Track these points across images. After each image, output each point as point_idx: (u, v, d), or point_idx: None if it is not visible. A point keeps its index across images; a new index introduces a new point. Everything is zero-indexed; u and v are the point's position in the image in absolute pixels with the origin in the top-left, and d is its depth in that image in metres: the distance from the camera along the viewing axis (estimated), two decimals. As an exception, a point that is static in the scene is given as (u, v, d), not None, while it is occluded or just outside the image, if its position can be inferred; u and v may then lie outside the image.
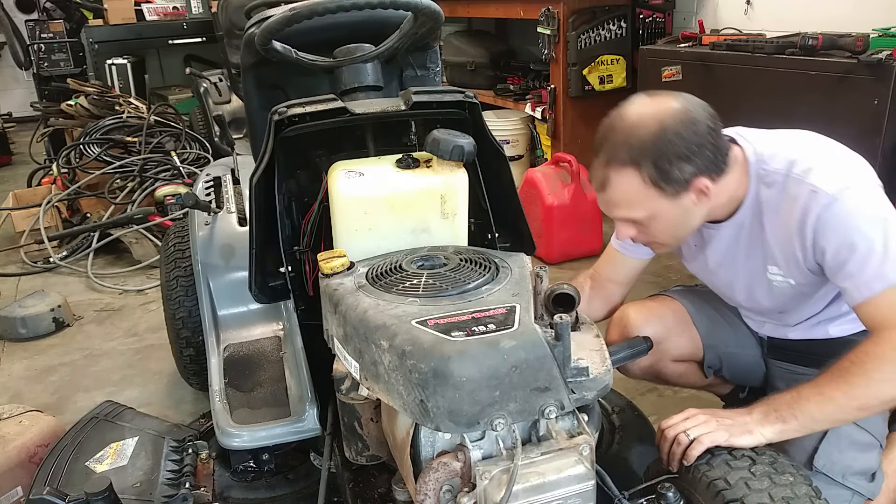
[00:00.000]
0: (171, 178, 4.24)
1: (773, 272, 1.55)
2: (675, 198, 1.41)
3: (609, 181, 1.43)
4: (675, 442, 1.35)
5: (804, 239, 1.43)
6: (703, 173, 1.40)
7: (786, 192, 1.44)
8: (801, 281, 1.52)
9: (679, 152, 1.36)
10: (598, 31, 3.92)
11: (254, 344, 1.98)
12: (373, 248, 1.46)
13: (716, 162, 1.42)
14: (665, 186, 1.39)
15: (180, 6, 6.06)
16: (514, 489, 1.07)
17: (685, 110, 1.39)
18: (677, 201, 1.42)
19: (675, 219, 1.46)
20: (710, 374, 1.85)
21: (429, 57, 1.90)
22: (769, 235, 1.51)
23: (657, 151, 1.36)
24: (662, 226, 1.47)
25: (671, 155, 1.36)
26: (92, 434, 1.83)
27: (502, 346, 1.08)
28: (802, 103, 2.70)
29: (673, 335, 1.77)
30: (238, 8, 3.09)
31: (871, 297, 1.36)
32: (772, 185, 1.47)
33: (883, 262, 1.34)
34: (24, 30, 6.82)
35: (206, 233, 2.20)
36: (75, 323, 3.32)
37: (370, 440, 1.43)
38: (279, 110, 1.49)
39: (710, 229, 1.60)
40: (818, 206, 1.38)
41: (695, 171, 1.39)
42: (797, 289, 1.55)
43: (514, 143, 4.53)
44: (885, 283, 1.34)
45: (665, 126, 1.36)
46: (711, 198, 1.45)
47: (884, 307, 1.35)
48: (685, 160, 1.37)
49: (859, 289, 1.37)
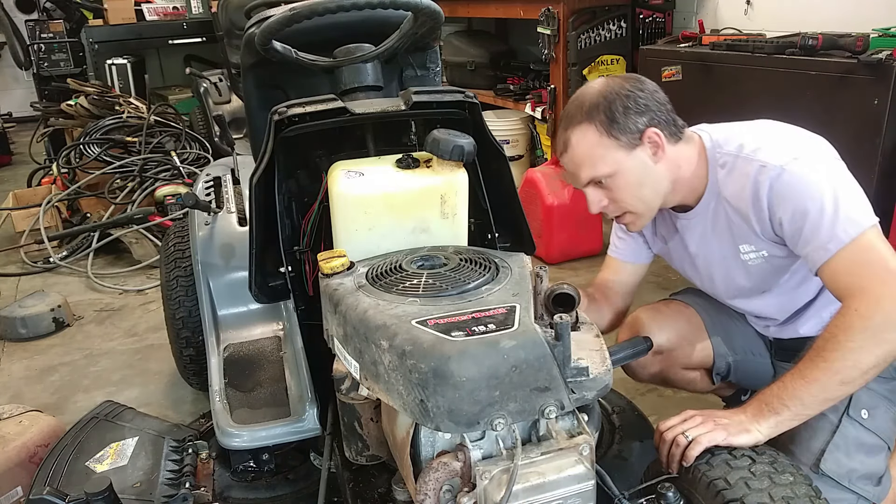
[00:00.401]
0: (171, 178, 4.25)
1: (745, 250, 1.59)
2: (630, 149, 1.52)
3: (569, 141, 1.56)
4: (673, 444, 1.35)
5: (760, 212, 1.48)
6: (654, 125, 1.52)
7: (738, 171, 1.52)
8: (774, 252, 1.55)
9: (627, 105, 1.50)
10: (598, 31, 3.92)
11: (254, 344, 1.98)
12: (373, 248, 1.46)
13: (667, 122, 1.55)
14: (619, 136, 1.50)
15: (180, 6, 6.07)
16: (514, 489, 1.07)
17: (635, 77, 1.57)
18: (633, 154, 1.52)
19: (637, 176, 1.54)
20: (718, 381, 1.85)
21: (429, 57, 1.90)
22: (732, 215, 1.56)
23: (607, 104, 1.51)
24: (626, 185, 1.55)
25: (620, 107, 1.50)
26: (92, 434, 1.83)
27: (502, 346, 1.08)
28: (802, 103, 2.70)
29: (686, 343, 1.78)
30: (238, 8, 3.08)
31: (829, 260, 1.39)
32: (725, 166, 1.55)
33: (834, 223, 1.37)
34: (24, 30, 6.83)
35: (206, 233, 2.20)
36: (75, 323, 3.32)
37: (370, 440, 1.43)
38: (279, 110, 1.48)
39: (683, 219, 1.67)
40: (768, 179, 1.45)
41: (646, 121, 1.51)
42: (771, 261, 1.57)
43: (514, 143, 4.53)
44: (838, 243, 1.37)
45: (613, 87, 1.53)
46: (668, 157, 1.54)
47: (841, 270, 1.38)
48: (635, 112, 1.51)
49: (817, 252, 1.40)
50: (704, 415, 1.38)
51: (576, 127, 1.54)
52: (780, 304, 1.67)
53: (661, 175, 1.56)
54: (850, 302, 1.35)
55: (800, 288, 1.63)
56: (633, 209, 1.60)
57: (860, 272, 1.35)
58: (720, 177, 1.56)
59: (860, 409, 1.52)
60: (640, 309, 1.83)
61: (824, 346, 1.34)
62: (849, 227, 1.37)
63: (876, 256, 1.36)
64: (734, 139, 1.55)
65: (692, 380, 1.87)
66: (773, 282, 1.62)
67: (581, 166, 1.56)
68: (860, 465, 1.51)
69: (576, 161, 1.56)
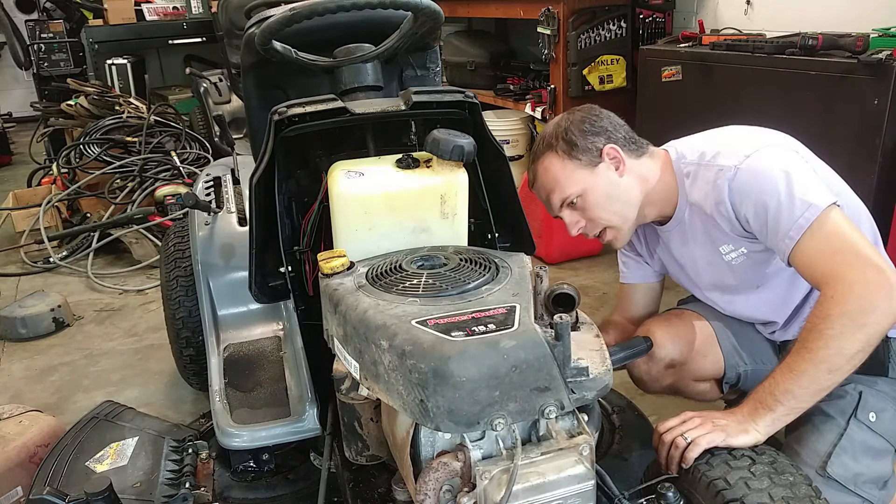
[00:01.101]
0: (171, 178, 4.24)
1: (725, 251, 1.63)
2: (593, 167, 1.62)
3: (536, 172, 1.70)
4: (672, 445, 1.35)
5: (727, 212, 1.53)
6: (612, 142, 1.63)
7: (701, 178, 1.58)
8: (751, 248, 1.58)
9: (583, 128, 1.63)
10: (598, 31, 3.91)
11: (254, 344, 1.98)
12: (373, 248, 1.46)
13: (626, 139, 1.66)
14: (580, 156, 1.62)
15: (180, 6, 6.07)
16: (514, 489, 1.07)
17: (589, 106, 1.70)
18: (597, 171, 1.62)
19: (605, 191, 1.63)
20: (727, 389, 1.85)
21: (429, 57, 1.90)
22: (705, 221, 1.61)
23: (564, 131, 1.64)
24: (596, 201, 1.64)
25: (577, 131, 1.63)
26: (92, 434, 1.83)
27: (502, 346, 1.08)
28: (802, 103, 2.70)
29: (699, 356, 1.78)
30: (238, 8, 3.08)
31: (795, 248, 1.41)
32: (689, 175, 1.63)
33: (791, 210, 1.41)
34: (24, 30, 6.83)
35: (206, 233, 2.20)
36: (75, 323, 3.32)
37: (370, 440, 1.43)
38: (279, 110, 1.48)
39: (664, 231, 1.74)
40: (726, 180, 1.51)
41: (603, 140, 1.63)
42: (752, 257, 1.60)
43: (514, 143, 4.53)
44: (799, 230, 1.40)
45: (568, 117, 1.67)
46: (632, 170, 1.63)
47: (810, 257, 1.40)
48: (591, 133, 1.63)
49: (783, 241, 1.43)
50: (703, 416, 1.38)
51: (540, 158, 1.67)
52: (775, 304, 1.67)
53: (629, 187, 1.65)
54: (825, 290, 1.36)
55: (791, 286, 1.63)
56: (609, 223, 1.67)
57: (830, 259, 1.37)
58: (687, 186, 1.63)
59: (868, 412, 1.52)
60: (652, 321, 1.83)
61: (807, 338, 1.35)
62: (806, 212, 1.39)
63: (842, 241, 1.37)
64: (696, 149, 1.63)
65: (703, 391, 1.87)
66: (761, 275, 1.63)
67: (552, 192, 1.67)
68: (867, 468, 1.51)
69: (546, 188, 1.68)
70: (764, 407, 1.35)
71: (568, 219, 1.69)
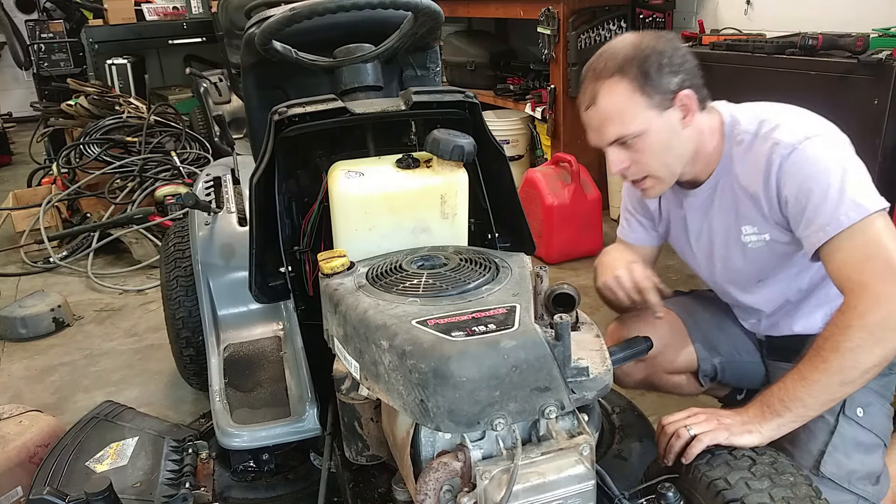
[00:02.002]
0: (171, 178, 4.24)
1: (747, 231, 1.56)
2: (661, 110, 1.46)
3: (598, 94, 1.48)
4: (674, 435, 1.35)
5: (769, 190, 1.46)
6: (688, 87, 1.47)
7: (754, 150, 1.49)
8: (776, 237, 1.52)
9: (662, 62, 1.44)
10: (598, 31, 3.92)
11: (254, 344, 1.98)
12: (373, 248, 1.46)
13: (699, 87, 1.50)
14: (652, 94, 1.44)
15: (180, 6, 6.07)
16: (515, 489, 1.07)
17: (669, 35, 1.52)
18: (664, 115, 1.46)
19: (665, 138, 1.49)
20: (707, 382, 1.84)
21: (429, 57, 1.90)
22: (740, 194, 1.54)
23: (642, 59, 1.44)
24: (653, 147, 1.49)
25: (655, 63, 1.44)
26: (92, 434, 1.83)
27: (502, 346, 1.08)
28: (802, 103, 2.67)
29: (669, 349, 1.77)
30: (238, 8, 3.09)
31: (827, 243, 1.37)
32: (742, 143, 1.52)
33: (837, 206, 1.35)
34: (24, 30, 6.83)
35: (206, 233, 2.20)
36: (75, 323, 3.32)
37: (370, 440, 1.43)
38: (279, 110, 1.48)
39: (690, 195, 1.65)
40: (779, 157, 1.43)
41: (679, 82, 1.46)
42: (772, 246, 1.55)
43: (514, 143, 4.53)
44: (838, 226, 1.35)
45: (648, 42, 1.47)
46: (695, 124, 1.50)
47: (841, 258, 1.36)
48: (669, 71, 1.45)
49: (816, 234, 1.38)
50: (708, 413, 1.38)
51: (606, 80, 1.46)
52: (768, 297, 1.66)
53: (687, 140, 1.52)
54: (849, 298, 1.33)
55: (793, 280, 1.61)
56: (656, 173, 1.54)
57: (861, 266, 1.33)
58: (735, 154, 1.53)
59: (855, 408, 1.52)
60: (620, 318, 1.82)
61: (823, 346, 1.33)
62: (851, 211, 1.34)
63: (878, 250, 1.33)
64: (754, 118, 1.52)
65: (678, 384, 1.86)
66: (770, 269, 1.60)
67: (609, 122, 1.48)
68: (860, 465, 1.50)
69: (604, 116, 1.48)
70: (772, 411, 1.35)
71: (614, 156, 1.52)
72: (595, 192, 3.60)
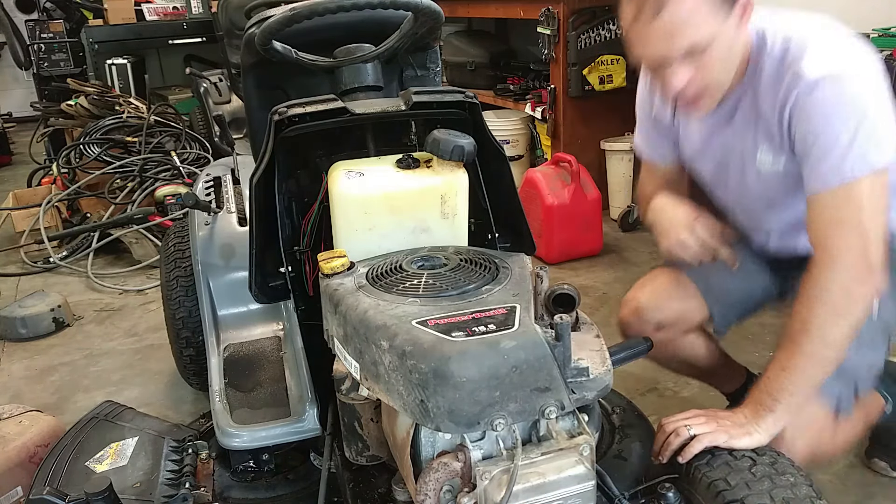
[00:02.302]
0: (171, 178, 4.24)
1: (763, 152, 1.51)
2: (725, 15, 1.35)
3: (664, 3, 1.34)
4: (673, 433, 1.36)
5: (783, 121, 1.42)
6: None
7: (776, 72, 1.41)
8: (790, 168, 1.48)
9: None
10: (598, 31, 3.91)
11: (254, 344, 1.98)
12: (373, 248, 1.46)
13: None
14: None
15: (180, 6, 6.06)
16: (515, 489, 1.07)
17: None
18: (728, 21, 1.36)
19: (728, 46, 1.39)
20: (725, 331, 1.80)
21: (429, 57, 1.90)
22: (760, 113, 1.48)
23: None
24: (718, 56, 1.39)
25: None
26: (92, 434, 1.83)
27: (502, 347, 1.08)
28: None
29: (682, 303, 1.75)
30: (238, 8, 3.09)
31: (823, 192, 1.34)
32: (767, 62, 1.43)
33: (844, 157, 1.31)
34: (24, 30, 6.83)
35: (206, 233, 2.20)
36: (75, 323, 3.32)
37: (370, 440, 1.43)
38: (279, 110, 1.48)
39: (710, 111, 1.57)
40: (797, 91, 1.36)
41: None
42: (786, 175, 1.49)
43: (514, 143, 4.53)
44: (839, 178, 1.32)
45: None
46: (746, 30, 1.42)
47: (831, 207, 1.34)
48: None
49: (816, 180, 1.36)
50: (709, 415, 1.38)
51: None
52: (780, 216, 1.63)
53: (742, 47, 1.43)
54: (812, 262, 1.34)
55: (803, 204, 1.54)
56: (717, 84, 1.45)
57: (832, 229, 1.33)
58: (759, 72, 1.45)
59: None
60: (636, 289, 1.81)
61: (794, 328, 1.35)
62: (856, 166, 1.31)
63: (852, 215, 1.31)
64: (783, 40, 1.42)
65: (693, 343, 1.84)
66: (782, 194, 1.55)
67: (681, 30, 1.35)
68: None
69: (672, 26, 1.34)
70: (764, 408, 1.35)
71: (679, 71, 1.40)
72: (595, 193, 3.60)
